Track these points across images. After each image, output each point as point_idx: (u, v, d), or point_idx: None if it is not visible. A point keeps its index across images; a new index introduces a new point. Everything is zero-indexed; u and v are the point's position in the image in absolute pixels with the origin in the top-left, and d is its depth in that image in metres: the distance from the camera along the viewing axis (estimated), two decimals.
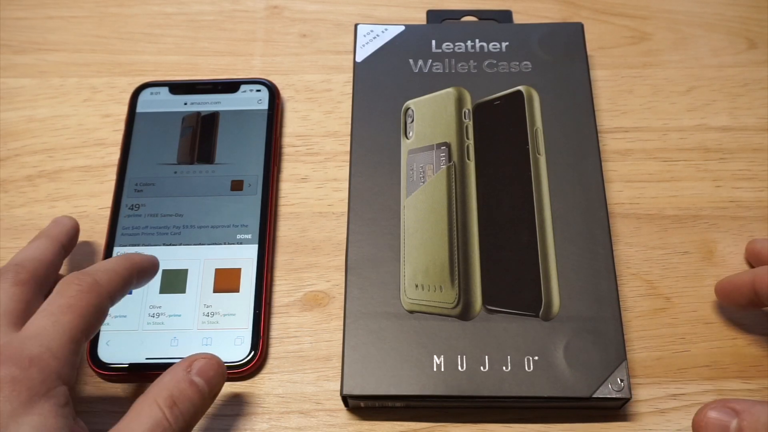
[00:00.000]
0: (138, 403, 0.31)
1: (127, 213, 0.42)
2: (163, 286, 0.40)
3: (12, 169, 0.45)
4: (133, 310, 0.39)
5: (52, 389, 0.29)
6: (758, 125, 0.46)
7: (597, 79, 0.47)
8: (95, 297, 0.32)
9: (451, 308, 0.38)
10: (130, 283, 0.34)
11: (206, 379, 0.32)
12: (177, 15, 0.51)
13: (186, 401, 0.31)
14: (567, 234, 0.39)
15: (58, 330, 0.30)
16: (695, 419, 0.32)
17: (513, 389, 0.35)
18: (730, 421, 0.31)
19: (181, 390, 0.31)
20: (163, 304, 0.39)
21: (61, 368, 0.30)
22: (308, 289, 0.41)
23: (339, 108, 0.47)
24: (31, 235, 0.42)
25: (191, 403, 0.31)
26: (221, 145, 0.44)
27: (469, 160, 0.41)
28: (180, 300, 0.40)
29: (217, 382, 0.33)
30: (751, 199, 0.43)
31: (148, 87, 0.46)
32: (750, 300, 0.37)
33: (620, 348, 0.36)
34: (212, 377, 0.33)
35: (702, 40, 0.49)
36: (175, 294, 0.40)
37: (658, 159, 0.44)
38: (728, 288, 0.38)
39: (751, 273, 0.37)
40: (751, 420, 0.31)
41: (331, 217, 0.43)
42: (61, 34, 0.50)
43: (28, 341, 0.30)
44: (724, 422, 0.31)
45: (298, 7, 0.51)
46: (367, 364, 0.36)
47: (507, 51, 0.45)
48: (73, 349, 0.30)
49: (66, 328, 0.30)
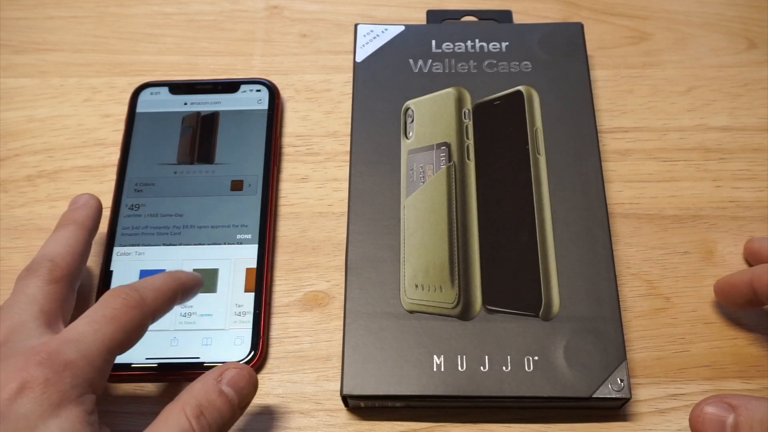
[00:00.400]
0: (166, 410, 0.31)
1: (127, 213, 0.42)
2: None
3: (12, 169, 0.45)
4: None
5: (81, 395, 0.29)
6: (758, 125, 0.46)
7: (597, 79, 0.47)
8: (139, 313, 0.32)
9: (451, 308, 0.38)
10: (173, 302, 0.34)
11: (236, 390, 0.32)
12: (177, 15, 0.51)
13: (214, 411, 0.31)
14: (567, 234, 0.39)
15: (98, 338, 0.30)
16: (692, 415, 0.32)
17: (513, 389, 0.35)
18: (727, 417, 0.31)
19: (210, 400, 0.31)
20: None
21: (93, 376, 0.30)
22: (308, 289, 0.41)
23: (339, 108, 0.47)
24: (31, 235, 0.42)
25: (219, 413, 0.31)
26: (221, 145, 0.44)
27: (469, 160, 0.41)
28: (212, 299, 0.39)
29: (248, 393, 0.33)
30: (751, 199, 0.43)
31: (148, 87, 0.46)
32: (749, 299, 0.37)
33: (620, 348, 0.36)
34: (242, 388, 0.32)
35: (702, 40, 0.49)
36: (207, 293, 0.40)
37: (658, 159, 0.44)
38: (727, 287, 0.38)
39: (749, 272, 0.37)
40: (747, 415, 0.31)
41: (331, 217, 0.43)
42: (61, 34, 0.50)
43: (66, 345, 0.30)
44: (721, 417, 0.31)
45: (298, 7, 0.51)
46: (367, 364, 0.36)
47: (507, 51, 0.45)
48: (109, 359, 0.31)
49: (106, 339, 0.30)
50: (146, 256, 0.41)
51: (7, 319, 0.31)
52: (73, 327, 0.31)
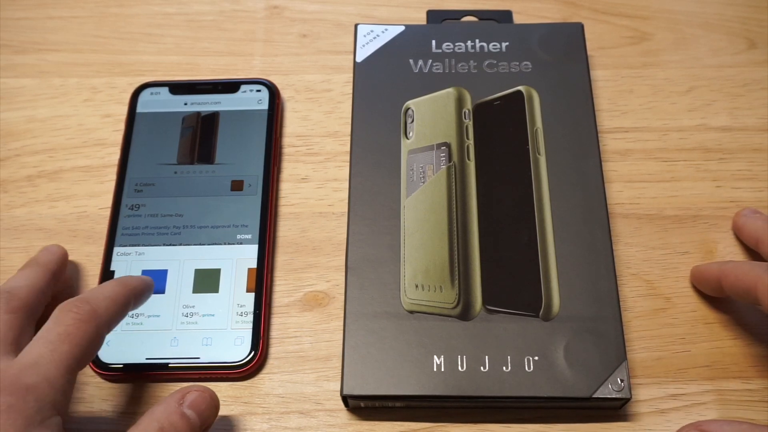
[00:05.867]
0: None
1: (127, 213, 0.42)
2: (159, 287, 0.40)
3: (12, 169, 0.45)
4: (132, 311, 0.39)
5: (47, 419, 0.29)
6: (758, 125, 0.46)
7: (597, 79, 0.47)
8: (93, 326, 0.32)
9: (451, 308, 0.38)
10: (127, 310, 0.34)
11: (198, 412, 0.32)
12: (177, 15, 0.51)
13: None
14: (567, 234, 0.39)
15: (56, 359, 0.30)
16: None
17: (513, 389, 0.35)
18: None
19: (172, 422, 0.31)
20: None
21: (56, 398, 0.30)
22: (308, 289, 0.41)
23: (339, 108, 0.47)
24: (31, 235, 0.43)
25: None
26: (221, 145, 0.44)
27: (469, 160, 0.41)
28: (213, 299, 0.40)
29: (209, 415, 0.33)
30: (751, 199, 0.43)
31: (148, 87, 0.46)
32: (716, 291, 0.38)
33: (620, 348, 0.36)
34: (204, 410, 0.33)
35: (702, 40, 0.49)
36: (207, 294, 0.40)
37: (658, 159, 0.44)
38: (698, 277, 0.40)
39: (717, 267, 0.38)
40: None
41: (331, 217, 0.43)
42: (62, 34, 0.50)
43: (26, 370, 0.29)
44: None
45: (298, 7, 0.51)
46: (367, 364, 0.36)
47: (507, 51, 0.45)
48: (70, 378, 0.30)
49: (63, 358, 0.30)
50: (146, 256, 0.41)
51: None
52: (29, 350, 0.30)
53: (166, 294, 0.40)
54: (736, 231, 0.42)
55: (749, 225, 0.40)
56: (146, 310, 0.39)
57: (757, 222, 0.40)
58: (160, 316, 0.39)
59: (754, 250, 0.40)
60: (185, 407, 0.32)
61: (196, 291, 0.40)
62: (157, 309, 0.39)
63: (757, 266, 0.35)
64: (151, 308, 0.39)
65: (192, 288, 0.40)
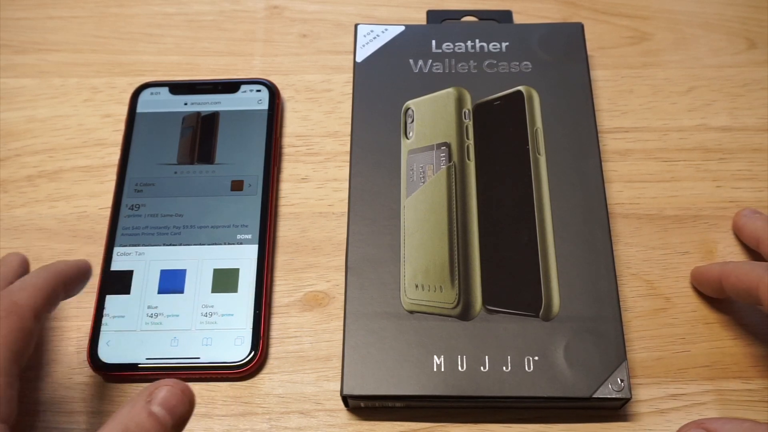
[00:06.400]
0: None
1: (127, 213, 0.42)
2: (162, 287, 0.40)
3: (12, 169, 0.45)
4: (131, 311, 0.39)
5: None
6: (758, 125, 0.46)
7: (597, 79, 0.47)
8: (17, 321, 0.29)
9: (451, 308, 0.38)
10: (56, 297, 0.32)
11: (168, 409, 0.29)
12: (177, 15, 0.51)
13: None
14: (567, 234, 0.39)
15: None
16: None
17: (513, 389, 0.35)
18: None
19: (138, 423, 0.28)
20: (161, 304, 0.39)
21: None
22: (308, 289, 0.41)
23: (339, 108, 0.47)
24: (31, 235, 0.43)
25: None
26: (221, 145, 0.44)
27: (469, 160, 0.41)
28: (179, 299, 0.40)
29: (183, 411, 0.29)
30: (751, 199, 0.43)
31: (148, 87, 0.46)
32: (717, 292, 0.38)
33: (620, 348, 0.36)
34: (175, 407, 0.29)
35: (702, 40, 0.49)
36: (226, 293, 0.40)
37: (658, 159, 0.44)
38: (699, 278, 0.40)
39: (718, 269, 0.38)
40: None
41: (331, 217, 0.43)
42: (62, 34, 0.50)
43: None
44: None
45: (298, 7, 0.51)
46: (367, 364, 0.36)
47: (507, 51, 0.45)
48: (9, 381, 0.28)
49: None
50: (146, 256, 0.41)
51: None
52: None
53: (185, 294, 0.40)
54: (736, 231, 0.42)
55: (749, 225, 0.40)
56: (165, 310, 0.39)
57: (757, 222, 0.40)
58: (179, 316, 0.39)
59: (754, 250, 0.40)
60: (154, 405, 0.29)
61: (215, 291, 0.40)
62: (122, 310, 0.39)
63: (758, 266, 0.35)
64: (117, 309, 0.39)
65: (211, 288, 0.40)
